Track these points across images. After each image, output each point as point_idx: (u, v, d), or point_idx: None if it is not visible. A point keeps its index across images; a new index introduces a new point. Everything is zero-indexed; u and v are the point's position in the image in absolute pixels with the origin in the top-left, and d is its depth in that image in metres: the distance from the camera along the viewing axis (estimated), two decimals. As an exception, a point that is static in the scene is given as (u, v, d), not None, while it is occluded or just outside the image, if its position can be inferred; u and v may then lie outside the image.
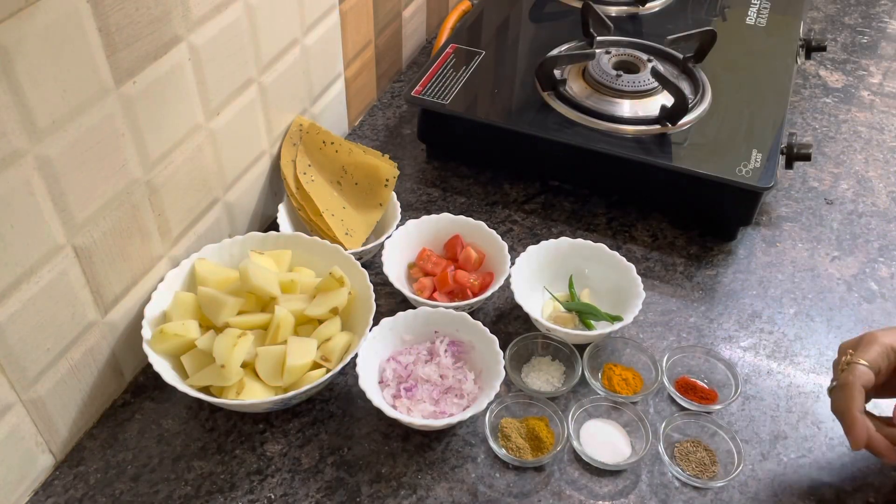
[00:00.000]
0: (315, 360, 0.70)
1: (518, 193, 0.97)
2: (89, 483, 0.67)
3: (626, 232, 0.92)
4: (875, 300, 0.85)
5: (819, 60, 1.23)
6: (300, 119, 0.90)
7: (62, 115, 0.58)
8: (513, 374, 0.74)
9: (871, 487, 0.68)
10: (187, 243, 0.77)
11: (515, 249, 0.85)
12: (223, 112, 0.77)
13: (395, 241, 0.83)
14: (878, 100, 1.15)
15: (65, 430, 0.68)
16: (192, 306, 0.72)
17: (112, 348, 0.71)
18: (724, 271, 0.88)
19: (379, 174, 0.88)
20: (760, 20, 1.13)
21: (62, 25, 0.55)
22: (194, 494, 0.66)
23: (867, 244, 0.92)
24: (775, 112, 0.94)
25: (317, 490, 0.67)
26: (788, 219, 0.95)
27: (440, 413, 0.69)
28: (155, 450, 0.70)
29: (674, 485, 0.68)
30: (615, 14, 1.14)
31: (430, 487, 0.67)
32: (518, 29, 1.12)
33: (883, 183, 1.01)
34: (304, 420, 0.72)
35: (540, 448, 0.69)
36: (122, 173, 0.65)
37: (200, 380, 0.68)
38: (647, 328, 0.81)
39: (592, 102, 0.94)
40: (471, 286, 0.80)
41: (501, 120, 0.93)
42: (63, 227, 0.61)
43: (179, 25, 0.67)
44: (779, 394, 0.75)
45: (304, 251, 0.79)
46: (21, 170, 0.56)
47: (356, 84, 1.04)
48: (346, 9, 0.95)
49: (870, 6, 1.38)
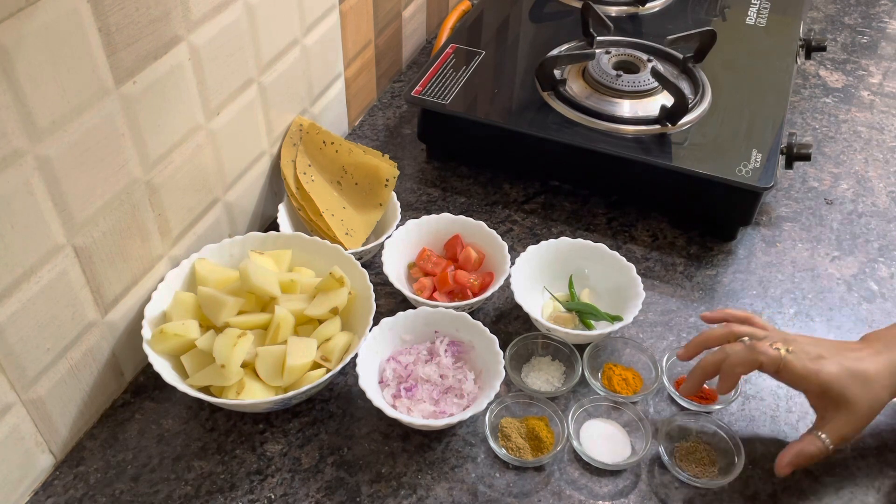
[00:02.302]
0: (315, 360, 0.70)
1: (518, 193, 0.97)
2: (89, 483, 0.67)
3: (626, 232, 0.92)
4: (875, 300, 0.85)
5: (819, 60, 1.23)
6: (300, 119, 0.90)
7: (62, 115, 0.58)
8: (513, 374, 0.74)
9: (872, 487, 0.68)
10: (187, 243, 0.77)
11: (515, 249, 0.85)
12: (223, 112, 0.77)
13: (395, 241, 0.83)
14: (878, 100, 1.15)
15: (65, 430, 0.68)
16: (192, 306, 0.72)
17: (112, 348, 0.71)
18: (724, 271, 0.88)
19: (379, 174, 0.88)
20: (760, 20, 1.13)
21: (62, 25, 0.55)
22: (194, 494, 0.66)
23: (867, 244, 0.92)
24: (775, 112, 0.94)
25: (317, 490, 0.67)
26: (788, 219, 0.95)
27: (440, 413, 0.69)
28: (155, 450, 0.70)
29: (674, 485, 0.68)
30: (615, 14, 1.14)
31: (430, 487, 0.67)
32: (518, 29, 1.12)
33: (883, 183, 1.01)
34: (304, 420, 0.72)
35: (540, 448, 0.69)
36: (122, 173, 0.65)
37: (200, 380, 0.68)
38: (647, 328, 0.81)
39: (592, 102, 0.94)
40: (471, 286, 0.80)
41: (501, 120, 0.93)
42: (63, 227, 0.61)
43: (179, 25, 0.67)
44: (779, 394, 0.75)
45: (304, 251, 0.79)
46: (21, 170, 0.56)
47: (356, 84, 1.04)
48: (346, 9, 0.95)
49: (870, 6, 1.38)
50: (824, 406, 0.66)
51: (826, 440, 0.65)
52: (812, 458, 0.66)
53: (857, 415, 0.65)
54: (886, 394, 0.66)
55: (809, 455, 0.66)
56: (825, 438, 0.66)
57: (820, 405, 0.67)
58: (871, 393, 0.65)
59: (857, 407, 0.65)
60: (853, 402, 0.65)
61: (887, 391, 0.66)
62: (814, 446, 0.66)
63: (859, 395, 0.65)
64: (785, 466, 0.66)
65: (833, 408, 0.66)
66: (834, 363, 0.65)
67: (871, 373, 0.65)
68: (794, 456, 0.66)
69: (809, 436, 0.66)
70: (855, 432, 0.66)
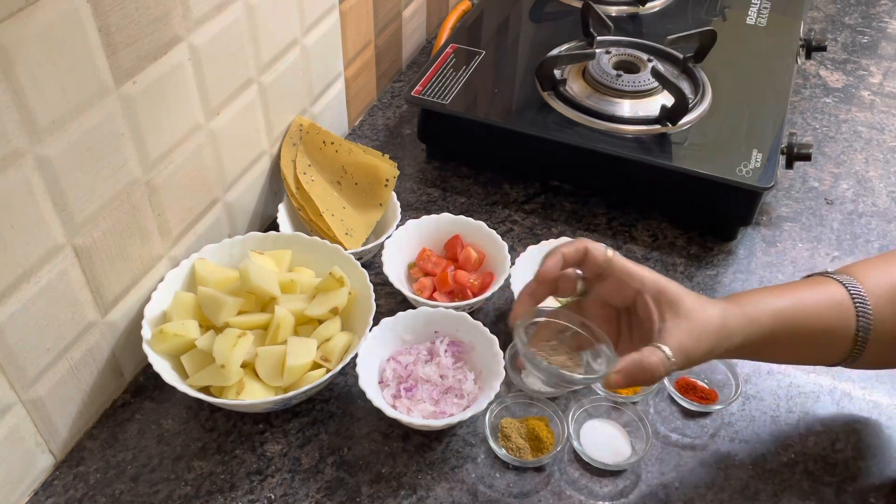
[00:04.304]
0: (315, 360, 0.70)
1: (518, 193, 0.97)
2: (89, 483, 0.67)
3: (627, 232, 0.92)
4: (875, 300, 0.85)
5: (819, 60, 1.23)
6: (300, 119, 0.90)
7: (62, 115, 0.58)
8: (513, 374, 0.74)
9: (872, 487, 0.68)
10: (187, 243, 0.77)
11: (515, 249, 0.85)
12: (223, 112, 0.77)
13: (395, 241, 0.83)
14: (879, 100, 1.15)
15: (65, 430, 0.68)
16: (192, 306, 0.72)
17: (112, 348, 0.71)
18: (725, 271, 0.88)
19: (379, 174, 0.88)
20: (760, 20, 1.13)
21: (62, 25, 0.55)
22: (194, 494, 0.66)
23: (867, 244, 0.92)
24: (775, 112, 0.94)
25: (317, 490, 0.67)
26: (788, 219, 0.95)
27: (440, 413, 0.69)
28: (155, 450, 0.70)
29: (674, 485, 0.68)
30: (615, 14, 1.14)
31: (430, 487, 0.67)
32: (518, 29, 1.12)
33: (883, 183, 1.01)
34: (304, 420, 0.72)
35: (540, 448, 0.69)
36: (122, 173, 0.65)
37: (200, 380, 0.68)
38: (647, 328, 0.81)
39: (592, 102, 0.94)
40: (471, 286, 0.80)
41: (501, 120, 0.93)
42: (63, 227, 0.61)
43: (179, 25, 0.67)
44: (779, 394, 0.75)
45: (304, 251, 0.79)
46: (21, 170, 0.56)
47: (356, 84, 1.04)
48: (346, 9, 0.95)
49: (870, 6, 1.38)
50: (660, 313, 0.58)
51: (668, 351, 0.56)
52: (654, 370, 0.56)
53: (696, 327, 0.57)
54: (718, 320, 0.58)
55: (651, 366, 0.56)
56: (666, 349, 0.56)
57: (656, 311, 0.58)
58: (708, 311, 0.58)
59: (696, 316, 0.58)
60: (690, 311, 0.58)
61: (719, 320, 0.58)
62: (655, 357, 0.56)
63: (696, 307, 0.58)
64: (618, 373, 0.56)
65: (671, 316, 0.58)
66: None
67: (705, 301, 0.59)
68: (631, 363, 0.56)
69: (649, 347, 0.57)
70: (696, 349, 0.57)
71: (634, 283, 0.60)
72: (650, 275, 0.60)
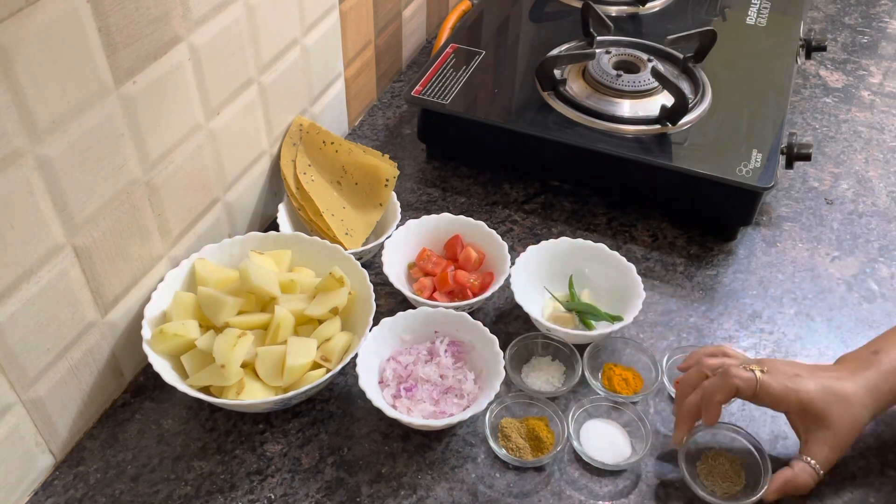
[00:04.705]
0: (315, 360, 0.70)
1: (518, 193, 0.97)
2: (89, 483, 0.67)
3: (626, 232, 0.92)
4: (875, 300, 0.85)
5: (819, 60, 1.23)
6: (300, 119, 0.90)
7: (62, 115, 0.58)
8: (513, 374, 0.74)
9: (872, 487, 0.68)
10: (187, 243, 0.77)
11: (515, 249, 0.85)
12: (223, 112, 0.77)
13: (395, 241, 0.83)
14: (879, 100, 1.15)
15: (65, 430, 0.68)
16: (192, 306, 0.72)
17: (112, 348, 0.71)
18: (725, 271, 0.88)
19: (379, 174, 0.88)
20: (760, 20, 1.13)
21: (62, 25, 0.55)
22: (194, 494, 0.66)
23: (867, 244, 0.92)
24: (775, 112, 0.94)
25: (317, 490, 0.67)
26: (788, 219, 0.95)
27: (440, 413, 0.69)
28: (155, 450, 0.70)
29: (674, 485, 0.68)
30: (615, 14, 1.14)
31: (430, 487, 0.67)
32: (518, 29, 1.12)
33: (883, 183, 1.01)
34: (304, 420, 0.72)
35: (540, 448, 0.69)
36: (122, 173, 0.65)
37: (200, 380, 0.68)
38: (647, 328, 0.81)
39: (592, 102, 0.94)
40: (471, 286, 0.80)
41: (501, 120, 0.93)
42: (63, 227, 0.61)
43: (179, 25, 0.67)
44: (779, 394, 0.75)
45: (304, 251, 0.79)
46: (21, 170, 0.56)
47: (356, 84, 1.04)
48: (346, 9, 0.95)
49: (870, 6, 1.38)
50: (806, 427, 0.65)
51: (816, 466, 0.64)
52: (805, 487, 0.65)
53: (840, 435, 0.64)
54: (867, 413, 0.65)
55: (803, 484, 0.64)
56: (815, 465, 0.64)
57: (802, 426, 0.66)
58: (852, 412, 0.64)
59: (840, 426, 0.64)
60: (835, 421, 0.64)
61: (867, 410, 0.65)
62: (806, 474, 0.64)
63: (841, 414, 0.64)
64: (773, 493, 0.65)
65: (815, 428, 0.65)
66: (812, 381, 0.65)
67: (850, 392, 0.64)
68: (784, 483, 0.65)
69: (799, 463, 0.65)
70: (839, 454, 0.65)
71: (780, 409, 0.66)
72: (795, 397, 0.64)
